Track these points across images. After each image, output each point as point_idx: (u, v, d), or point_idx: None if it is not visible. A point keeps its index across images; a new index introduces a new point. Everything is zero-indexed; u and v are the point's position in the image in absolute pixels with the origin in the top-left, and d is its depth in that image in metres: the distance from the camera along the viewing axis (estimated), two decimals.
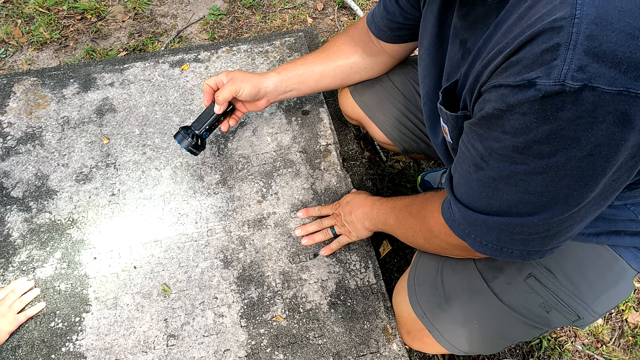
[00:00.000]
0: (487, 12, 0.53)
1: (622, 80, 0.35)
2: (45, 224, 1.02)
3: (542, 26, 0.38)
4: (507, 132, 0.45)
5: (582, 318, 0.71)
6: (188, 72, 1.31)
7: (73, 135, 1.17)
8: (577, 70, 0.36)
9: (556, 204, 0.47)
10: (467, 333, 0.76)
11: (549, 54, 0.38)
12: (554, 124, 0.40)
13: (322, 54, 1.00)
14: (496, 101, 0.44)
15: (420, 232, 0.73)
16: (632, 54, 0.35)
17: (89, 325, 0.90)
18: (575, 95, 0.37)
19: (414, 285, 0.84)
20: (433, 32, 0.69)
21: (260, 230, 1.02)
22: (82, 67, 1.33)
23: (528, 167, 0.45)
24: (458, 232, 0.61)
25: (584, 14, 0.36)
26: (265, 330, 0.90)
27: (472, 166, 0.53)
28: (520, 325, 0.73)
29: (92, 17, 1.79)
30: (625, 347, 1.12)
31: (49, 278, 0.95)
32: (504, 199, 0.51)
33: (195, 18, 1.82)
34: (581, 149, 0.41)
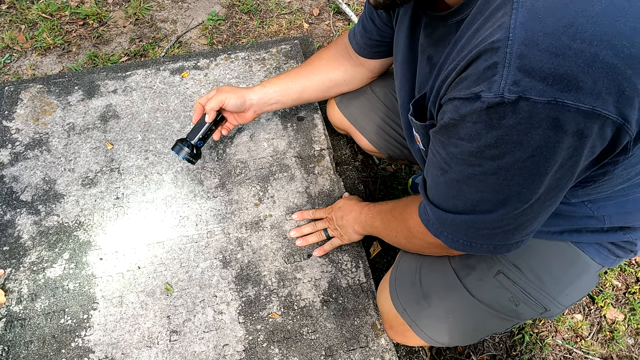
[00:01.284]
0: (448, 30, 0.59)
1: (550, 92, 0.41)
2: (54, 226, 1.08)
3: (484, 47, 0.45)
4: (462, 139, 0.51)
5: (549, 310, 0.77)
6: (188, 79, 1.36)
7: (78, 141, 1.23)
8: (513, 84, 0.42)
9: (510, 200, 0.54)
10: (444, 326, 0.82)
11: (489, 70, 0.44)
12: (499, 130, 0.46)
13: (304, 68, 1.07)
14: (451, 112, 0.50)
15: (402, 232, 0.79)
16: (555, 70, 0.41)
17: (97, 322, 0.96)
18: (513, 105, 0.43)
19: (395, 283, 0.90)
20: (405, 49, 0.75)
21: (257, 232, 1.08)
22: (86, 74, 1.38)
23: (483, 169, 0.52)
24: (433, 231, 0.67)
25: (516, 37, 0.42)
26: (261, 326, 0.96)
27: (438, 170, 0.59)
28: (493, 318, 0.80)
29: (93, 22, 1.84)
30: (603, 341, 1.18)
31: (58, 278, 1.01)
32: (467, 198, 0.58)
33: (195, 23, 1.87)
34: (524, 151, 0.47)
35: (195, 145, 1.02)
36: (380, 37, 0.93)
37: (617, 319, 1.21)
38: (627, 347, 1.18)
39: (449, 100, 0.51)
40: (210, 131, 1.03)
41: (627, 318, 1.21)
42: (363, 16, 0.95)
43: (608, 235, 0.73)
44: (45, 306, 0.97)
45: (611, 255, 0.76)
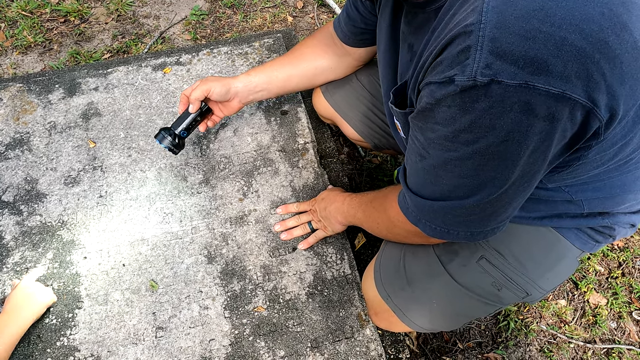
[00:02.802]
0: (428, 18, 0.60)
1: (521, 75, 0.42)
2: (37, 226, 1.08)
3: (457, 31, 0.45)
4: (438, 123, 0.51)
5: (530, 294, 0.78)
6: (170, 75, 1.36)
7: (60, 139, 1.22)
8: (485, 67, 0.43)
9: (485, 186, 0.54)
10: (427, 312, 0.84)
11: (462, 54, 0.44)
12: (473, 114, 0.46)
13: (290, 56, 1.07)
14: (427, 96, 0.51)
15: (383, 222, 0.80)
16: (526, 53, 0.41)
17: (82, 320, 0.96)
18: (485, 88, 0.43)
19: (380, 270, 0.91)
20: (387, 37, 0.75)
21: (242, 227, 1.08)
22: (67, 72, 1.37)
23: (458, 154, 0.52)
24: (412, 219, 0.67)
25: (488, 20, 0.42)
26: (247, 320, 0.97)
27: (417, 156, 0.60)
28: (476, 303, 0.81)
29: (75, 19, 1.82)
30: (587, 325, 1.20)
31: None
32: (443, 184, 0.58)
33: (178, 18, 1.86)
34: (497, 136, 0.47)
35: (179, 135, 1.01)
36: (364, 25, 0.93)
37: (599, 303, 1.23)
38: (610, 330, 1.20)
39: (426, 85, 0.51)
40: (195, 122, 1.03)
41: (609, 302, 1.23)
42: (347, 4, 0.95)
43: (587, 221, 0.74)
44: None
45: (591, 240, 0.77)
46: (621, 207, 0.72)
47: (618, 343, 1.17)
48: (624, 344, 1.17)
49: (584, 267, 1.28)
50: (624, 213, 0.74)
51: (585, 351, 1.16)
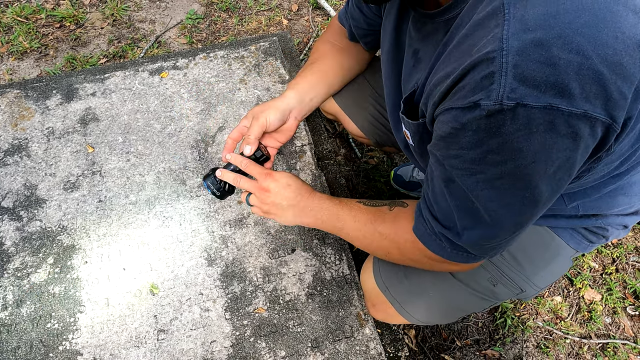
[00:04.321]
0: (436, 28, 0.61)
1: (545, 98, 0.44)
2: (37, 231, 1.08)
3: (479, 57, 0.46)
4: (463, 148, 0.52)
5: (525, 291, 0.80)
6: (167, 79, 1.36)
7: (58, 145, 1.22)
8: (510, 92, 0.45)
9: (514, 206, 0.55)
10: (424, 304, 0.85)
11: (486, 80, 0.46)
12: (500, 137, 0.48)
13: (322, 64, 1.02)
14: (451, 121, 0.51)
15: (385, 248, 0.76)
16: (547, 78, 0.44)
17: (84, 324, 0.97)
18: (512, 112, 0.45)
19: (378, 262, 0.92)
20: (392, 39, 0.76)
21: (241, 229, 1.10)
22: (64, 77, 1.37)
23: (486, 176, 0.52)
24: (446, 256, 0.65)
25: (510, 47, 0.44)
26: (248, 321, 0.98)
27: (442, 183, 0.59)
28: (471, 297, 0.83)
29: (70, 24, 1.82)
30: (582, 321, 1.22)
31: (43, 282, 1.01)
32: (475, 210, 0.57)
33: (173, 23, 1.87)
34: (525, 157, 0.49)
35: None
36: (367, 26, 0.94)
37: (594, 299, 1.25)
38: (605, 325, 1.22)
39: (446, 111, 0.52)
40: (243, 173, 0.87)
41: (604, 298, 1.25)
42: (350, 4, 0.95)
43: (582, 221, 0.76)
44: (31, 311, 0.98)
45: (585, 240, 0.79)
46: (615, 209, 0.74)
47: (613, 338, 1.19)
48: (619, 339, 1.19)
49: (578, 264, 1.30)
50: (616, 215, 0.76)
51: (581, 346, 1.18)
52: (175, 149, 1.22)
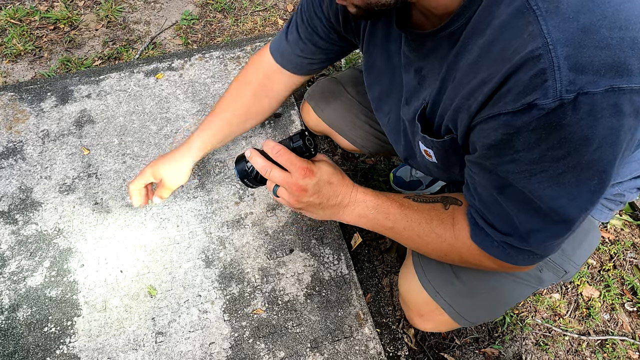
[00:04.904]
0: (439, 43, 0.58)
1: (605, 81, 0.43)
2: (33, 235, 1.07)
3: (522, 57, 0.45)
4: (520, 151, 0.49)
5: (568, 272, 0.79)
6: (163, 80, 1.36)
7: (54, 147, 1.21)
8: (569, 84, 0.43)
9: (582, 198, 0.52)
10: (477, 304, 0.80)
11: (538, 78, 0.44)
12: (562, 131, 0.46)
13: (227, 113, 0.97)
14: (501, 127, 0.49)
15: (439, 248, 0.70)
16: (604, 60, 0.43)
17: (81, 328, 0.96)
18: (573, 103, 0.44)
19: (422, 268, 0.83)
20: (382, 61, 0.73)
21: (239, 230, 1.09)
22: (59, 79, 1.36)
23: (549, 173, 0.50)
24: (512, 262, 0.62)
25: (555, 40, 0.43)
26: (246, 322, 0.97)
27: (493, 191, 0.57)
28: (520, 287, 0.80)
29: (65, 26, 1.81)
30: (580, 318, 1.23)
31: (40, 286, 1.00)
32: (536, 211, 0.54)
33: (168, 24, 1.86)
34: (590, 145, 0.47)
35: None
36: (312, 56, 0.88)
37: (592, 296, 1.25)
38: (603, 322, 1.22)
39: (491, 118, 0.50)
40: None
41: (602, 294, 1.25)
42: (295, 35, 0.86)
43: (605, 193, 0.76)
44: (28, 315, 0.97)
45: (605, 209, 0.79)
46: (629, 175, 0.74)
47: (612, 334, 1.20)
48: (617, 335, 1.19)
49: None
50: (629, 179, 0.76)
51: (580, 343, 1.19)
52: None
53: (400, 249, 1.29)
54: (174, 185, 0.97)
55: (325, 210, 0.72)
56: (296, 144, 0.69)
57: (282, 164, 0.68)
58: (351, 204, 0.72)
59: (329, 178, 0.69)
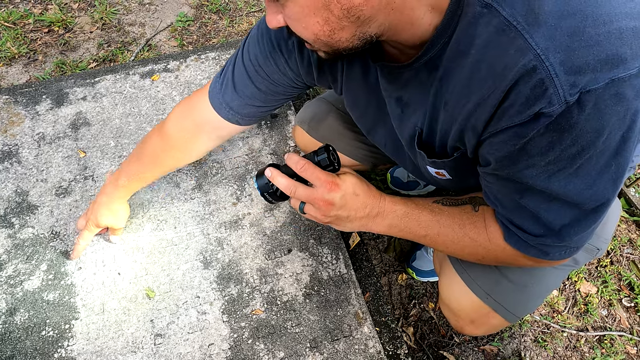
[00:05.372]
0: (417, 72, 0.59)
1: (603, 75, 0.45)
2: (29, 238, 1.07)
3: (516, 73, 0.46)
4: (534, 156, 0.51)
5: (600, 249, 0.79)
6: (159, 82, 1.35)
7: (49, 150, 1.21)
8: (571, 87, 0.45)
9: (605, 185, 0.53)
10: (525, 297, 0.79)
11: (538, 88, 0.46)
12: (572, 130, 0.48)
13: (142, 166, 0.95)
14: (512, 139, 0.50)
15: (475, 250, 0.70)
16: (597, 57, 0.44)
17: (79, 331, 0.96)
18: (577, 103, 0.46)
19: (467, 274, 0.81)
20: (364, 94, 0.73)
21: (237, 231, 1.09)
22: (54, 82, 1.36)
23: (568, 170, 0.52)
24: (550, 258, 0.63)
25: (546, 49, 0.44)
26: (245, 323, 0.97)
27: (515, 196, 0.57)
28: (559, 274, 0.80)
29: (59, 29, 1.81)
30: (578, 314, 1.23)
31: (37, 290, 1.00)
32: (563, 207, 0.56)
33: (163, 25, 1.85)
34: (601, 134, 0.48)
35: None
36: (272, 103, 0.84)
37: (590, 292, 1.26)
38: (601, 317, 1.23)
39: (500, 132, 0.51)
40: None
41: (599, 290, 1.26)
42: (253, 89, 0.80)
43: None
44: (25, 319, 0.96)
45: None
46: None
47: (609, 330, 1.20)
48: (615, 331, 1.20)
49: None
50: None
51: (578, 339, 1.19)
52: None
53: (398, 248, 1.29)
54: (121, 224, 1.02)
55: (354, 222, 0.71)
56: (321, 157, 0.68)
57: (306, 178, 0.67)
58: (380, 215, 0.70)
59: (354, 190, 0.68)
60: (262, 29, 0.75)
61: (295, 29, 0.52)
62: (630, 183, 1.39)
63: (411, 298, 1.21)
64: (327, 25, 0.49)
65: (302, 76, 0.77)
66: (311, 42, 0.53)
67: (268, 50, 0.75)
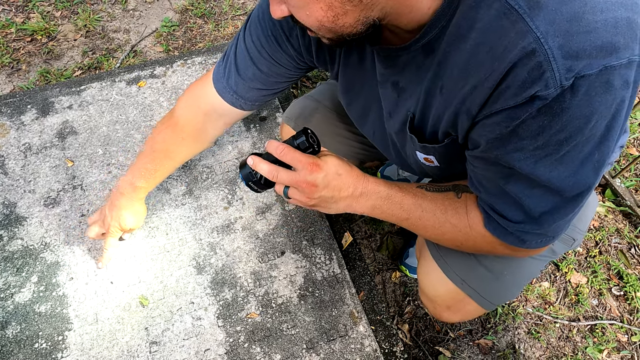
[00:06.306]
0: (414, 56, 0.59)
1: (598, 62, 0.46)
2: (18, 250, 1.06)
3: (516, 55, 0.47)
4: (524, 139, 0.52)
5: (576, 240, 0.81)
6: (145, 88, 1.35)
7: (36, 161, 1.20)
8: (566, 71, 0.46)
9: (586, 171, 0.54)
10: (501, 286, 0.81)
11: (535, 71, 0.46)
12: (563, 115, 0.48)
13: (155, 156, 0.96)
14: (505, 121, 0.51)
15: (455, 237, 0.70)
16: (594, 44, 0.45)
17: (73, 342, 0.95)
18: (571, 87, 0.47)
19: (444, 260, 0.82)
20: (359, 79, 0.74)
21: (229, 235, 1.09)
22: (38, 92, 1.34)
23: (555, 156, 0.53)
24: (530, 247, 0.64)
25: (545, 33, 0.45)
26: (241, 327, 0.97)
27: (500, 181, 0.58)
28: (536, 263, 0.82)
29: (42, 38, 1.79)
30: (570, 305, 1.25)
31: (28, 302, 0.99)
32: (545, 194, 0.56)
33: (148, 31, 1.84)
34: (589, 122, 0.49)
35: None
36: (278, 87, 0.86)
37: (580, 282, 1.28)
38: (592, 307, 1.25)
39: (494, 114, 0.51)
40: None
41: (589, 280, 1.28)
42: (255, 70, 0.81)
43: None
44: (17, 332, 0.95)
45: None
46: None
47: (601, 319, 1.22)
48: (606, 320, 1.22)
49: None
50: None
51: (571, 329, 1.21)
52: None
53: (390, 246, 1.30)
54: (141, 223, 1.03)
55: (339, 202, 0.71)
56: (299, 141, 0.68)
57: (287, 162, 0.67)
58: (364, 195, 0.70)
59: (337, 170, 0.68)
60: (264, 8, 0.76)
61: (299, 17, 0.53)
62: (615, 174, 1.41)
63: (405, 295, 1.22)
64: (330, 11, 0.50)
65: (303, 54, 0.78)
66: (315, 29, 0.54)
67: (270, 29, 0.76)
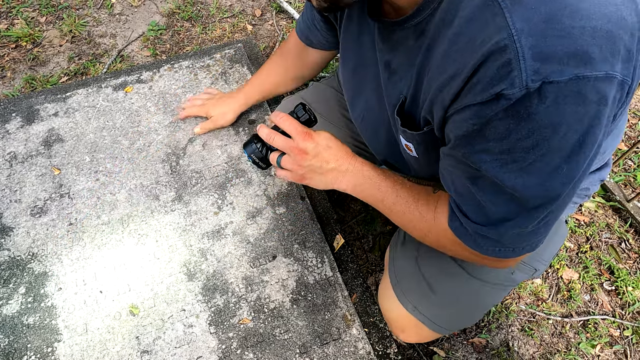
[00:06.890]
0: (406, 34, 0.59)
1: (569, 70, 0.44)
2: (5, 261, 1.04)
3: (489, 49, 0.45)
4: (490, 140, 0.50)
5: (538, 270, 0.82)
6: (132, 93, 1.33)
7: (22, 169, 1.18)
8: (534, 73, 0.44)
9: (554, 187, 0.52)
10: (454, 313, 0.83)
11: (504, 69, 0.45)
12: (530, 120, 0.46)
13: (271, 68, 1.15)
14: (472, 118, 0.50)
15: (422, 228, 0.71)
16: (567, 49, 0.43)
17: (62, 353, 0.93)
18: (538, 92, 0.45)
19: (398, 285, 0.88)
20: (356, 54, 0.74)
21: (220, 240, 1.08)
22: (23, 99, 1.33)
23: (520, 163, 0.50)
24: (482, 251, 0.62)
25: (519, 31, 0.44)
26: (233, 333, 0.96)
27: (466, 181, 0.57)
28: (494, 291, 0.83)
29: (27, 44, 1.76)
30: (562, 301, 1.25)
31: (16, 314, 0.97)
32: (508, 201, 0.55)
33: (135, 35, 1.83)
34: (557, 132, 0.47)
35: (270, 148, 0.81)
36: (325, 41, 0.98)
37: (572, 278, 1.28)
38: (584, 302, 1.25)
39: (462, 110, 0.50)
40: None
41: (581, 276, 1.29)
42: (306, 19, 0.98)
43: None
44: (5, 345, 0.94)
45: (571, 203, 0.81)
46: (592, 168, 0.74)
47: (593, 314, 1.23)
48: (598, 314, 1.23)
49: None
50: (593, 172, 0.78)
51: (564, 325, 1.21)
52: (146, 164, 1.19)
53: (383, 247, 1.30)
54: (219, 124, 1.22)
55: (327, 175, 0.75)
56: (297, 110, 0.78)
57: (284, 129, 0.74)
58: (350, 172, 0.74)
59: (327, 143, 0.74)
60: None
61: None
62: None
63: None
64: None
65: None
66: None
67: None
